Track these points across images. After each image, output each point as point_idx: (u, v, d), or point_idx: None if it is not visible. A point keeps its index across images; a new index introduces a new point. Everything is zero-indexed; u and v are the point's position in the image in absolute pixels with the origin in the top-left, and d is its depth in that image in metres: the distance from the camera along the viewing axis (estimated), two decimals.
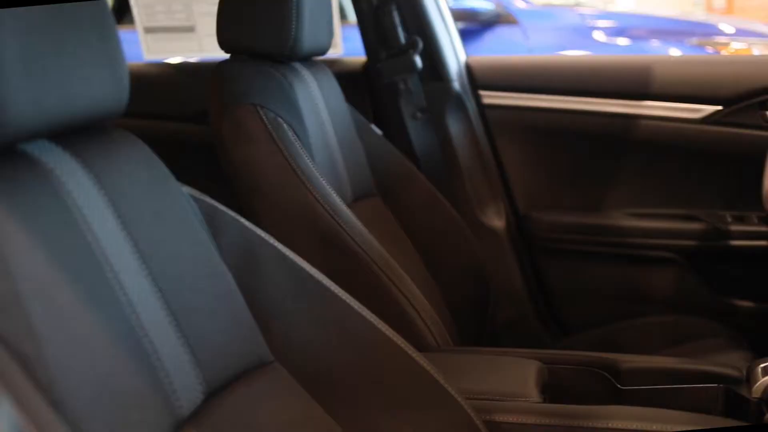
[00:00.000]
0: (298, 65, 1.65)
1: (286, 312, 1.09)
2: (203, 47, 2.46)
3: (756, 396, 1.26)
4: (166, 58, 2.52)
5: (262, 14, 1.53)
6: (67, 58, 0.84)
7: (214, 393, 0.95)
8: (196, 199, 1.06)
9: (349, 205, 1.58)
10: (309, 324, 1.09)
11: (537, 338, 2.16)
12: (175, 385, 0.89)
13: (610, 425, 1.13)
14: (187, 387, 0.90)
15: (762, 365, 1.29)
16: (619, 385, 1.39)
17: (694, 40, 4.65)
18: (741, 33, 4.80)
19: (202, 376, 0.93)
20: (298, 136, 1.50)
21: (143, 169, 0.97)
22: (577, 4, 5.94)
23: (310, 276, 1.10)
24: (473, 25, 4.53)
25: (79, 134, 0.91)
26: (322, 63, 1.77)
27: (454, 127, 2.17)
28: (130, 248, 0.90)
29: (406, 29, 2.14)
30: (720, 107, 2.02)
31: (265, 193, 1.47)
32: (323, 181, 1.47)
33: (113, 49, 0.91)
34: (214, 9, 1.57)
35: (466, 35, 4.32)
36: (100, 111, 0.91)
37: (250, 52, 1.57)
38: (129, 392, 0.82)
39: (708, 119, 2.04)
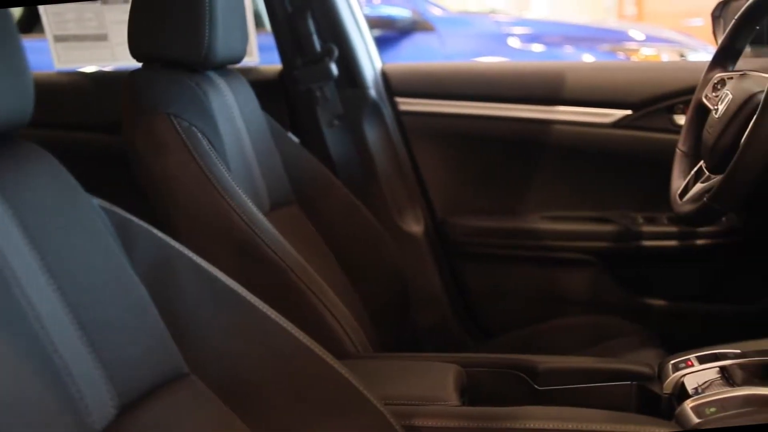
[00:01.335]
0: (212, 74, 1.63)
1: (202, 323, 1.07)
2: (116, 56, 2.41)
3: (667, 392, 1.29)
4: (78, 68, 2.47)
5: (174, 22, 1.51)
6: None
7: (127, 407, 0.93)
8: (106, 211, 1.04)
9: (266, 214, 1.57)
10: (225, 335, 1.08)
11: (457, 342, 2.17)
12: (86, 401, 0.87)
13: (526, 425, 1.15)
14: (99, 402, 0.89)
15: (672, 362, 1.33)
16: (536, 386, 1.41)
17: (606, 46, 4.76)
18: (650, 39, 4.94)
19: (114, 391, 0.92)
20: (213, 146, 1.49)
21: (49, 181, 0.95)
22: (493, 12, 6.03)
23: (226, 286, 1.09)
24: (390, 33, 4.55)
25: None
26: (236, 71, 1.75)
27: (371, 133, 2.18)
28: (37, 263, 0.88)
29: (321, 37, 2.14)
30: (630, 112, 2.08)
31: (180, 204, 1.45)
32: (239, 191, 1.46)
33: (16, 58, 0.88)
34: (127, 17, 1.54)
35: (383, 42, 4.34)
36: (3, 122, 0.88)
37: (163, 61, 1.55)
38: (38, 411, 0.80)
39: (618, 123, 2.09)
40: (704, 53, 4.48)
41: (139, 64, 1.57)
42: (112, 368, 0.92)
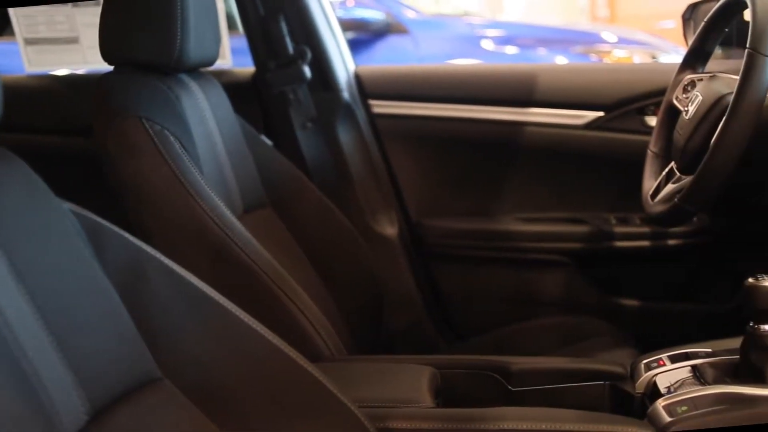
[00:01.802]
0: (184, 77, 1.62)
1: (174, 327, 1.07)
2: (87, 59, 2.39)
3: (639, 391, 1.30)
4: (49, 71, 2.45)
5: (145, 25, 1.50)
6: None
7: (99, 413, 0.93)
8: (77, 215, 1.04)
9: (239, 217, 1.57)
10: (198, 338, 1.08)
11: (432, 343, 2.18)
12: (57, 407, 0.86)
13: (500, 426, 1.15)
14: (69, 408, 0.88)
15: (645, 361, 1.34)
16: (510, 387, 1.41)
17: (579, 49, 4.79)
18: (623, 41, 4.98)
19: (85, 396, 0.91)
20: (185, 149, 1.48)
21: (18, 184, 0.95)
22: (466, 14, 6.05)
23: (198, 290, 1.09)
24: (364, 35, 4.55)
25: None
26: (209, 74, 1.75)
27: (345, 136, 2.18)
28: (7, 267, 0.87)
29: (294, 39, 2.14)
30: (602, 113, 2.09)
31: (152, 208, 1.45)
32: (212, 194, 1.46)
33: None
34: (98, 20, 1.53)
35: (358, 45, 4.35)
36: None
37: (135, 64, 1.54)
38: (8, 417, 0.79)
39: (591, 125, 2.10)
40: (676, 55, 4.52)
41: (111, 67, 1.56)
42: (83, 373, 0.91)
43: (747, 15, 1.32)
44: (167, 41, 1.49)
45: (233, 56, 2.39)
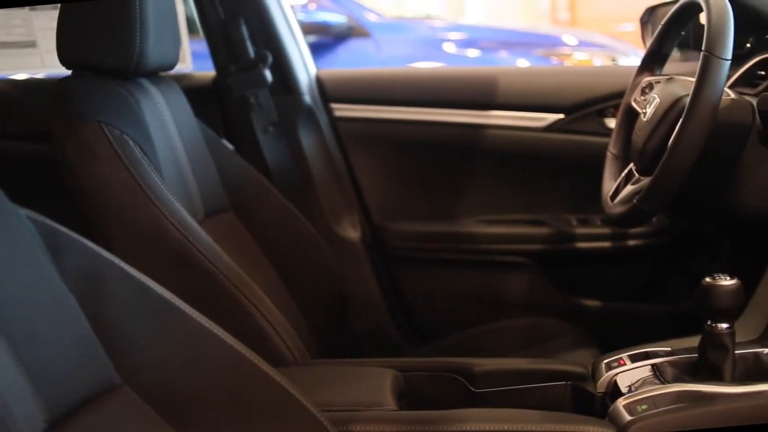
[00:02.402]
0: (144, 81, 1.61)
1: (134, 333, 1.06)
2: (45, 63, 2.36)
3: (601, 391, 1.31)
4: (6, 75, 2.42)
5: (103, 29, 1.49)
6: None
7: (58, 421, 0.92)
8: (34, 221, 1.02)
9: (200, 222, 1.56)
10: (158, 345, 1.07)
11: (396, 346, 2.18)
12: (15, 416, 0.85)
13: (463, 428, 1.16)
14: (27, 417, 0.87)
15: (605, 361, 1.35)
16: (473, 389, 1.42)
17: (540, 51, 4.84)
18: (583, 44, 5.03)
19: (43, 405, 0.90)
20: (145, 154, 1.47)
21: None
22: (428, 17, 6.06)
23: (158, 295, 1.08)
24: (326, 38, 4.55)
25: None
26: (169, 78, 1.74)
27: (307, 140, 2.17)
28: None
29: (255, 43, 2.13)
30: (562, 115, 2.11)
31: (112, 213, 1.43)
32: (172, 199, 1.45)
33: None
34: (56, 24, 1.51)
35: (319, 48, 4.35)
36: None
37: (93, 68, 1.53)
38: None
39: (551, 127, 2.12)
40: (635, 58, 4.57)
41: (69, 72, 1.54)
42: (40, 381, 0.90)
43: (703, 18, 1.34)
44: (126, 45, 1.48)
45: (196, 60, 2.38)
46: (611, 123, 2.03)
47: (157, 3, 1.52)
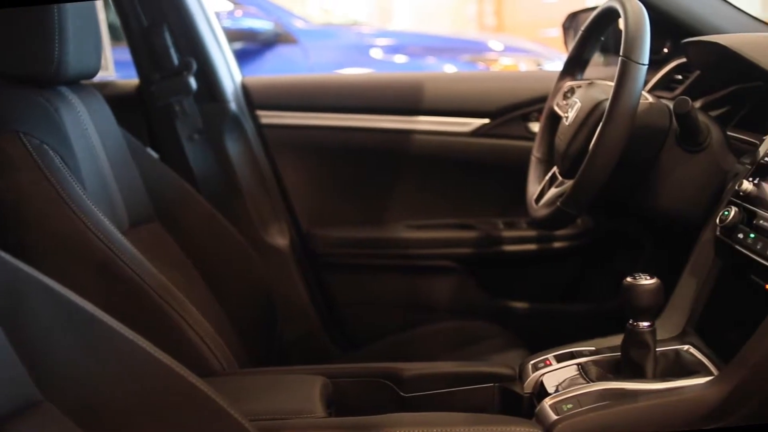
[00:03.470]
0: (64, 89, 1.58)
1: (55, 347, 1.03)
2: None
3: (528, 391, 1.33)
4: None
5: (21, 35, 1.45)
6: None
7: None
8: None
9: (125, 232, 1.54)
10: (80, 358, 1.04)
11: (326, 353, 2.18)
12: None
13: None
14: None
15: (532, 362, 1.37)
16: (402, 393, 1.42)
17: (467, 57, 4.89)
18: (509, 49, 5.10)
19: None
20: (66, 164, 1.44)
21: None
22: (356, 23, 6.08)
23: (80, 308, 1.05)
24: (253, 45, 4.53)
25: None
26: (91, 86, 1.71)
27: (233, 147, 2.16)
28: None
29: (179, 50, 2.11)
30: (488, 120, 2.14)
31: (32, 225, 1.40)
32: (95, 209, 1.42)
33: None
34: None
35: (246, 55, 4.33)
36: None
37: (11, 76, 1.49)
38: None
39: (477, 132, 2.14)
40: (559, 62, 4.65)
41: None
42: None
43: (621, 24, 1.37)
44: (44, 52, 1.44)
45: (122, 69, 2.34)
46: (535, 127, 2.06)
47: (77, 9, 1.49)
